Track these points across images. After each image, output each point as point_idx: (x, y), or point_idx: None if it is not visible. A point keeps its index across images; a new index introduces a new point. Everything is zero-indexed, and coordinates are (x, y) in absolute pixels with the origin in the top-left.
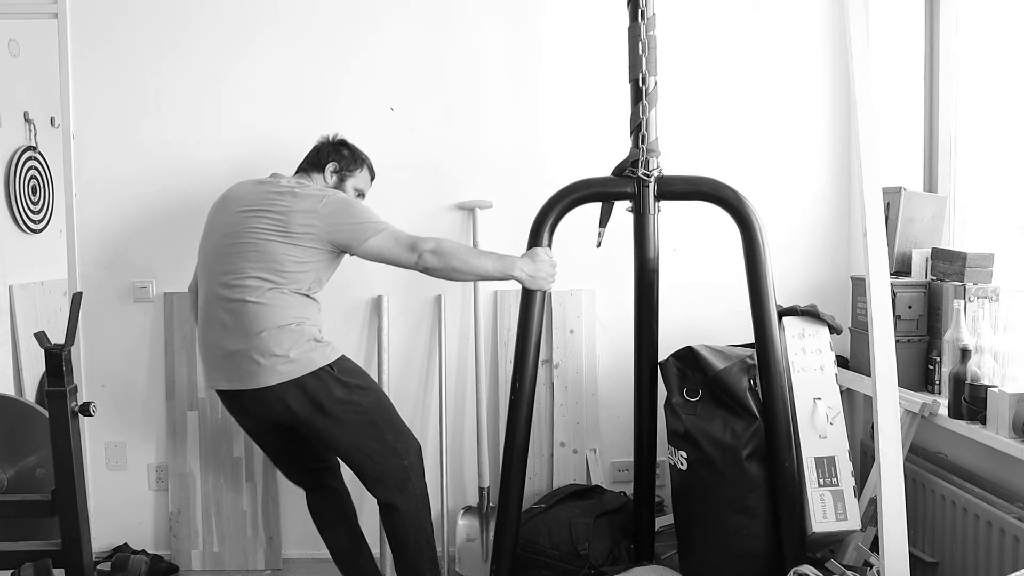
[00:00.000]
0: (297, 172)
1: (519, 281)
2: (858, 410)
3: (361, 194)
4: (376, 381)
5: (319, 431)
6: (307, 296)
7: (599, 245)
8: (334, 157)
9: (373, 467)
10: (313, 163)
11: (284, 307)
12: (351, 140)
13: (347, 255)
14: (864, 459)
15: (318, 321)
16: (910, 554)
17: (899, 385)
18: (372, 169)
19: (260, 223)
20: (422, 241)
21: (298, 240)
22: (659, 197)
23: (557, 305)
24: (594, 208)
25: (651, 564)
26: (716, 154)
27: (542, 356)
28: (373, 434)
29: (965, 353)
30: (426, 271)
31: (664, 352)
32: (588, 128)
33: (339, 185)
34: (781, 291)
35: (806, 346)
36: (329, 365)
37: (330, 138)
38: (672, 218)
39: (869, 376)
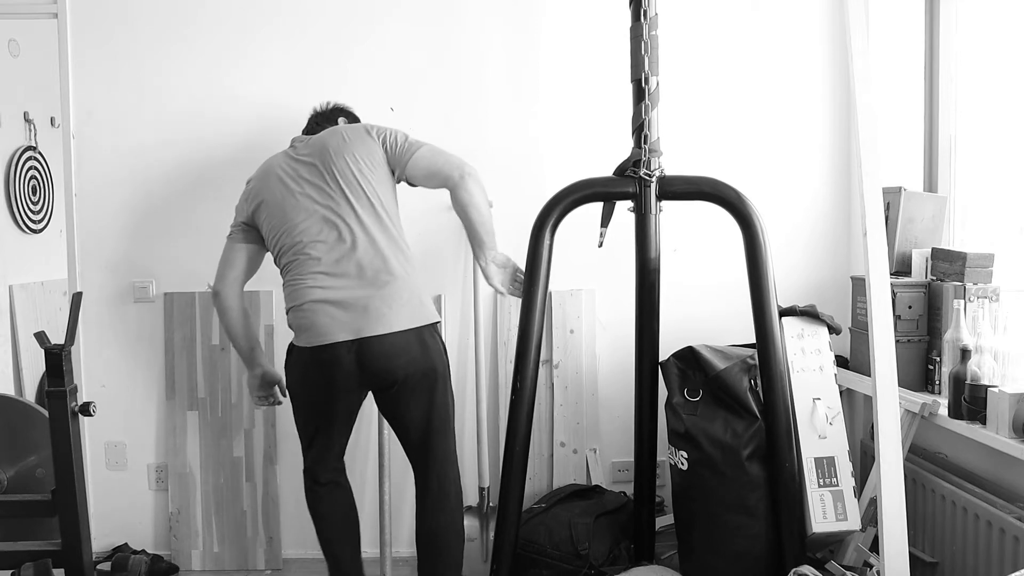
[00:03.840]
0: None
1: (490, 257)
2: (858, 410)
3: None
4: None
5: (425, 394)
6: (404, 234)
7: (601, 245)
8: (340, 116)
9: (448, 454)
10: (328, 119)
11: (403, 250)
12: None
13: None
14: (864, 459)
15: None
16: (910, 554)
17: (899, 385)
18: None
19: (339, 163)
20: (464, 160)
21: (377, 164)
22: (660, 197)
23: (557, 305)
24: (595, 208)
25: (651, 564)
26: (717, 154)
27: (542, 356)
28: (451, 421)
29: (965, 353)
30: (463, 187)
31: (665, 352)
32: (589, 128)
33: None
34: (781, 291)
35: (805, 346)
36: (439, 323)
37: (324, 106)
38: (673, 218)
39: (869, 376)
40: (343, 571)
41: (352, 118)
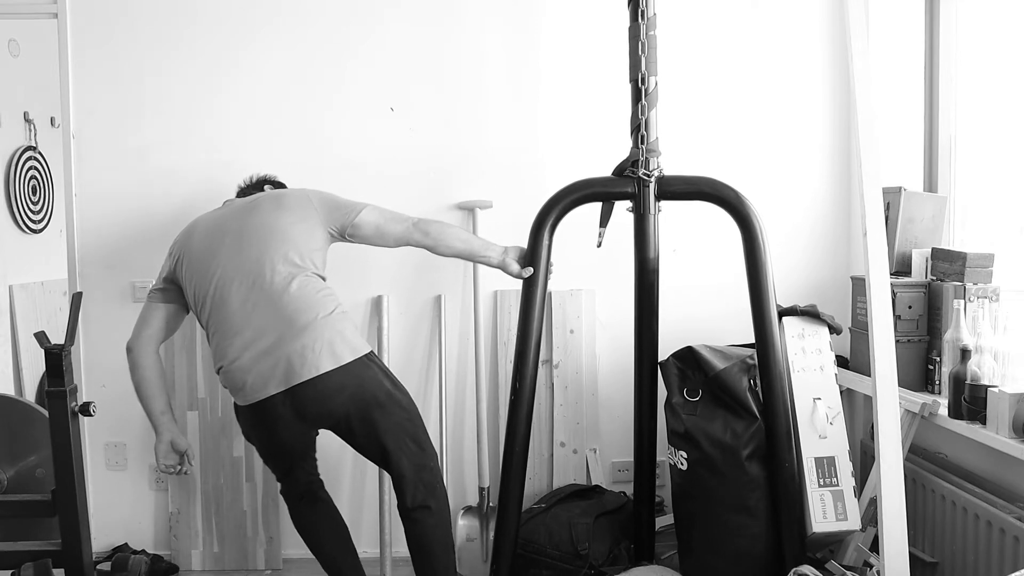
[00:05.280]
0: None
1: (498, 262)
2: (858, 410)
3: None
4: None
5: (371, 423)
6: (326, 278)
7: (599, 245)
8: (266, 185)
9: (412, 467)
10: (248, 194)
11: (322, 290)
12: (349, 140)
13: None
14: (864, 459)
15: None
16: (910, 554)
17: (899, 385)
18: None
19: (263, 218)
20: (407, 216)
21: (305, 218)
22: (659, 197)
23: (557, 305)
24: (594, 208)
25: (651, 564)
26: (716, 154)
27: (542, 356)
28: (412, 433)
29: (965, 353)
30: (424, 232)
31: (664, 352)
32: (588, 128)
33: None
34: (781, 291)
35: (806, 346)
36: (371, 353)
37: (251, 179)
38: (672, 218)
39: (869, 376)
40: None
41: (278, 187)
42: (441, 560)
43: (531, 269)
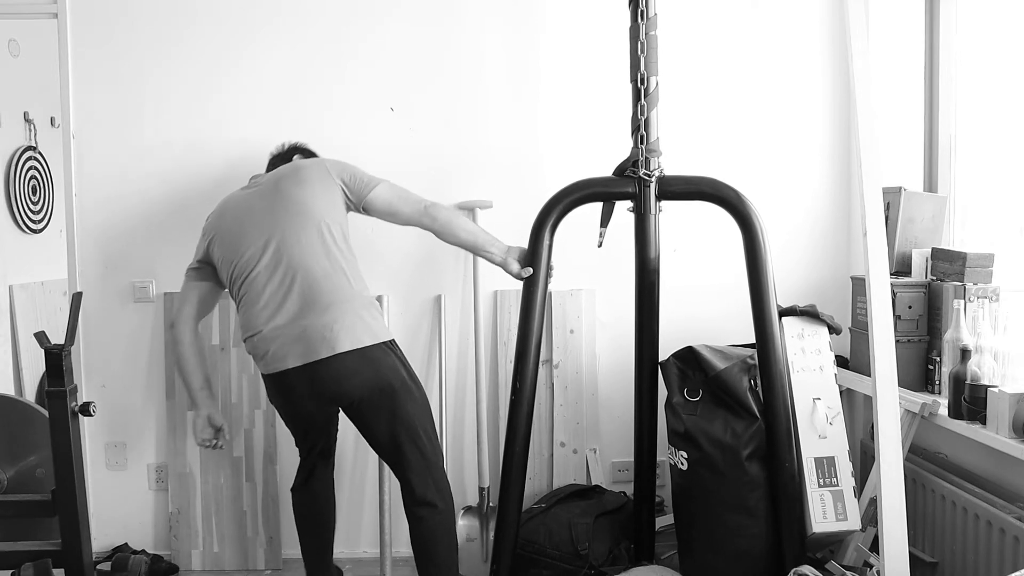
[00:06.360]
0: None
1: (499, 260)
2: (858, 410)
3: None
4: None
5: (385, 410)
6: (354, 257)
7: (600, 245)
8: (296, 154)
9: (422, 461)
10: (277, 165)
11: (348, 271)
12: (349, 140)
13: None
14: (864, 459)
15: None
16: (910, 554)
17: (899, 385)
18: None
19: (287, 194)
20: (420, 196)
21: (327, 189)
22: (660, 197)
23: (557, 305)
24: (595, 208)
25: (651, 564)
26: (717, 154)
27: (542, 356)
28: (424, 426)
29: (965, 353)
30: (432, 218)
31: (664, 352)
32: (588, 128)
33: None
34: (781, 291)
35: (805, 346)
36: (393, 341)
37: (283, 147)
38: (673, 218)
39: (869, 376)
40: (309, 565)
41: (309, 155)
42: (445, 561)
43: (531, 269)
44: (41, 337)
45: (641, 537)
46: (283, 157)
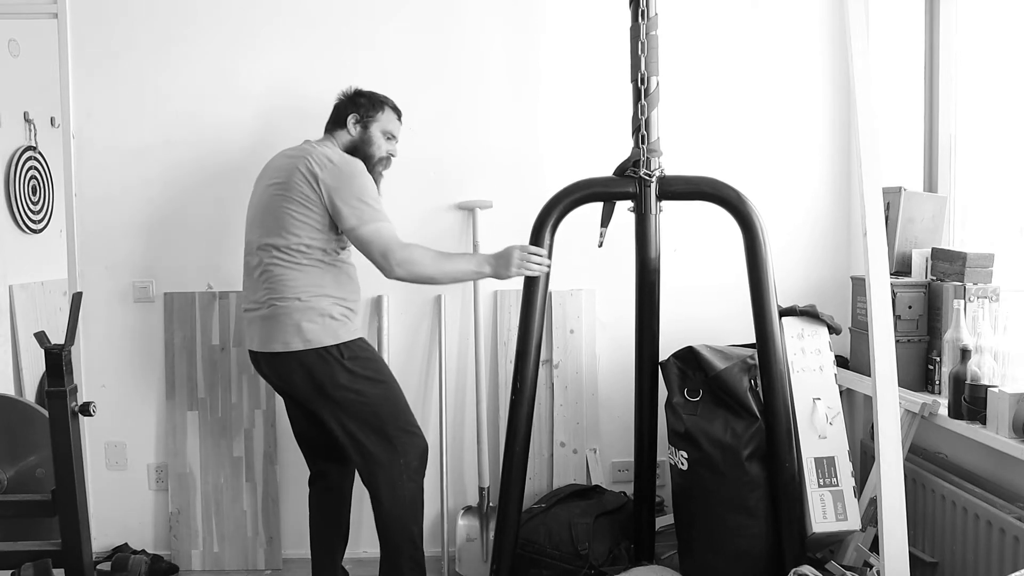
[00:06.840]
0: (324, 133)
1: (493, 276)
2: (858, 410)
3: (391, 136)
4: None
5: (317, 411)
6: (324, 264)
7: (601, 245)
8: (351, 109)
9: (364, 458)
10: (335, 121)
11: (299, 276)
12: None
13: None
14: (864, 459)
15: (342, 295)
16: (910, 554)
17: (899, 385)
18: (397, 108)
19: (261, 189)
20: (394, 252)
21: (306, 199)
22: (660, 197)
23: (557, 305)
24: (595, 208)
25: (651, 564)
26: (717, 154)
27: (542, 356)
28: (373, 424)
29: (965, 353)
30: (399, 279)
31: (665, 352)
32: (589, 128)
33: (364, 134)
34: (781, 291)
35: (805, 346)
36: (338, 347)
37: (346, 92)
38: (673, 218)
39: (869, 376)
40: (315, 562)
41: (368, 103)
42: (392, 551)
43: (530, 267)
44: (41, 337)
45: (641, 537)
46: (347, 100)
